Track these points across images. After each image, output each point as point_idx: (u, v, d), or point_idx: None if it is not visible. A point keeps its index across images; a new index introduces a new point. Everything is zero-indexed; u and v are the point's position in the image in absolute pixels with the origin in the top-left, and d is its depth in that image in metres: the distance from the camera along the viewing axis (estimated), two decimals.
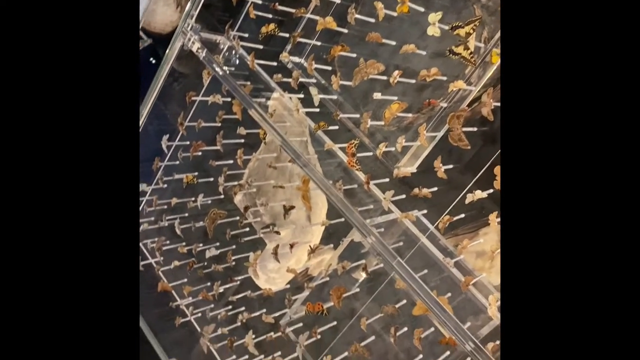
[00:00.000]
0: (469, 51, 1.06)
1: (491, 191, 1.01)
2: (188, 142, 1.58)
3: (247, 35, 1.43)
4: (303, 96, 1.32)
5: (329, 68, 1.31)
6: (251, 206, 1.51)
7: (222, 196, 1.59)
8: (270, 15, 1.37)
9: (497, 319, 1.02)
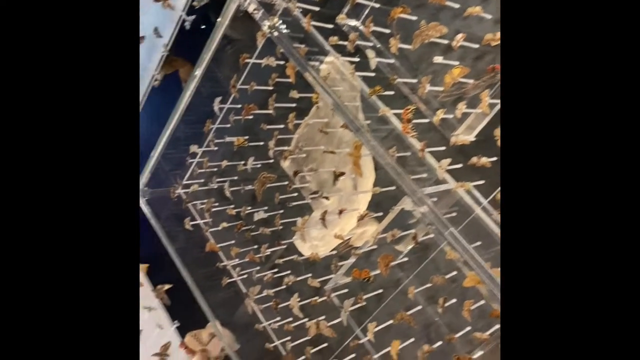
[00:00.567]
0: None
1: None
2: (240, 106, 1.59)
3: None
4: (359, 59, 1.29)
5: (387, 31, 1.27)
6: (300, 171, 1.51)
7: (271, 160, 1.59)
8: None
9: None
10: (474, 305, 1.15)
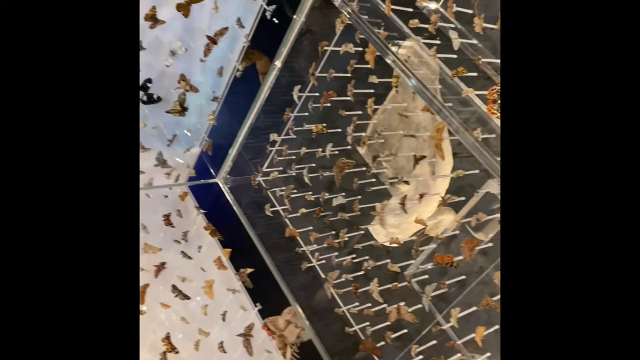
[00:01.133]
0: None
1: None
2: (317, 94, 1.61)
3: None
4: (440, 42, 1.27)
5: (469, 11, 1.24)
6: (378, 157, 1.52)
7: (349, 147, 1.61)
8: None
9: None
10: None
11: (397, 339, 1.51)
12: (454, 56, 1.26)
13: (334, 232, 1.69)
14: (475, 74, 1.24)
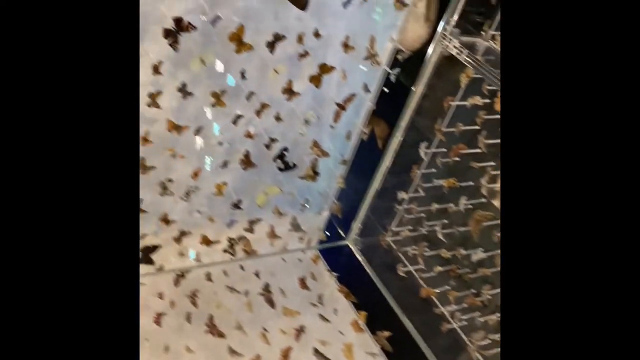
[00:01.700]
0: None
1: None
2: (445, 149, 1.61)
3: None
4: None
5: None
6: None
7: (483, 200, 1.56)
8: None
9: None
10: None
11: None
12: None
13: (474, 291, 1.62)
14: None
